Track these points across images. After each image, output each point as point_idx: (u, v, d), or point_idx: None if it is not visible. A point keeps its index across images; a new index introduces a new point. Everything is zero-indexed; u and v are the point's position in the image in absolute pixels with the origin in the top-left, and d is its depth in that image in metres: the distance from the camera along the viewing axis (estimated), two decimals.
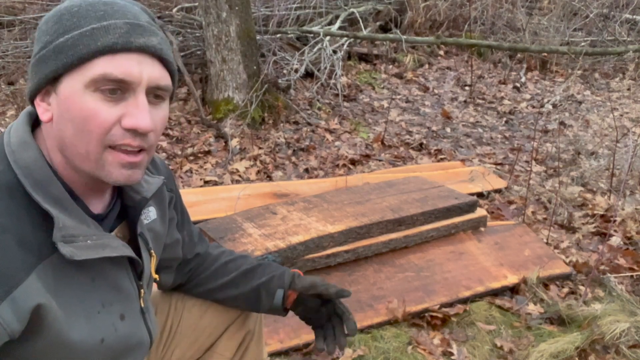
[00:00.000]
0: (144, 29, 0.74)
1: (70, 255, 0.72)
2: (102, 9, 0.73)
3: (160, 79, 0.76)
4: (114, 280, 0.84)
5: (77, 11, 0.73)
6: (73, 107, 0.73)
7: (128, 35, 0.72)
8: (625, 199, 3.06)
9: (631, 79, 5.84)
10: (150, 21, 0.78)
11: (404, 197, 2.51)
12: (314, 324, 1.17)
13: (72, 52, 0.71)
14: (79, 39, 0.71)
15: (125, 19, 0.73)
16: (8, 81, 4.23)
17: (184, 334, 1.15)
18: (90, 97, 0.72)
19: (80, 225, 0.76)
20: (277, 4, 5.21)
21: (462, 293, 2.11)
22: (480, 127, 4.45)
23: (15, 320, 0.69)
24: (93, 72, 0.71)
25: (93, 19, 0.72)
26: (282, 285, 1.13)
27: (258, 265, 1.17)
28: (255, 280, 1.14)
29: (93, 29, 0.71)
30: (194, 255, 1.15)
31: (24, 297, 0.69)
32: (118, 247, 0.81)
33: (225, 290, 1.15)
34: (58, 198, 0.75)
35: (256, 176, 3.24)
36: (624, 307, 2.05)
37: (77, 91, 0.72)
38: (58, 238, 0.72)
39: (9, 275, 0.69)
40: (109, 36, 0.71)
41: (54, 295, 0.73)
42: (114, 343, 0.82)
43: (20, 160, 0.75)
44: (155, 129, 0.77)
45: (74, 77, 0.72)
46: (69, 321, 0.75)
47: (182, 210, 1.10)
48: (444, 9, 6.28)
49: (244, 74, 3.86)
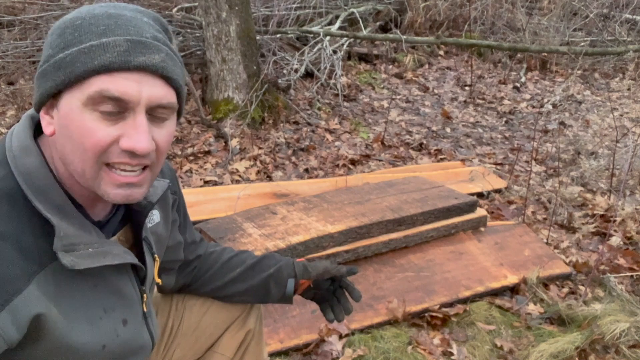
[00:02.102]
0: (145, 46, 0.71)
1: (71, 265, 0.71)
2: (105, 24, 0.71)
3: (162, 97, 0.73)
4: (116, 286, 0.83)
5: (80, 25, 0.71)
6: (71, 124, 0.71)
7: (127, 54, 0.69)
8: (625, 199, 3.06)
9: (631, 79, 5.84)
10: (156, 35, 0.74)
11: (404, 197, 2.51)
12: (320, 299, 1.21)
13: (70, 69, 0.70)
14: (77, 57, 0.69)
15: (127, 36, 0.70)
16: (8, 81, 4.23)
17: (185, 334, 1.15)
18: (88, 115, 0.70)
19: (82, 233, 0.76)
20: (277, 4, 5.21)
21: (462, 293, 2.11)
22: (480, 127, 4.45)
23: (15, 329, 0.68)
24: (90, 89, 0.69)
25: (94, 34, 0.70)
26: (292, 275, 1.16)
27: (262, 257, 1.19)
28: (263, 272, 1.16)
29: (91, 47, 0.69)
30: (195, 257, 1.15)
31: (24, 306, 0.68)
32: (119, 255, 0.80)
33: (233, 286, 1.15)
34: (59, 205, 0.74)
35: (256, 176, 3.24)
36: (624, 307, 2.04)
37: (75, 108, 0.71)
38: (59, 247, 0.71)
39: (9, 283, 0.68)
40: (107, 55, 0.69)
41: (55, 302, 0.73)
42: (115, 348, 0.82)
43: (22, 166, 0.74)
44: (156, 147, 0.74)
45: (72, 94, 0.71)
46: (70, 328, 0.75)
47: (184, 212, 1.10)
48: (444, 9, 6.28)
49: (244, 74, 3.86)
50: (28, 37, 4.39)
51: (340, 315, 1.18)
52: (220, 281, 1.15)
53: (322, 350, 1.79)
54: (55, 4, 4.54)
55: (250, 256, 1.20)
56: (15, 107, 3.83)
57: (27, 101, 3.90)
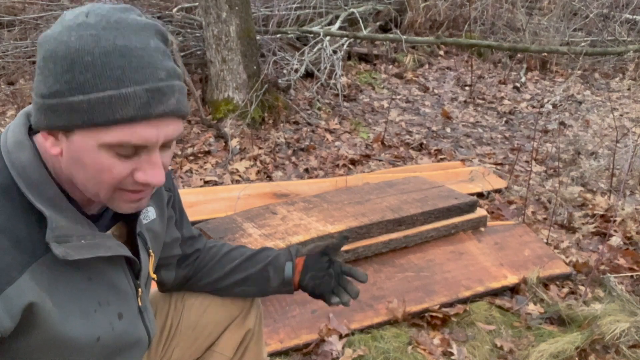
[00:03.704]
0: (163, 93, 0.70)
1: (63, 256, 0.72)
2: (119, 65, 0.68)
3: (174, 132, 0.75)
4: (111, 279, 0.84)
5: (91, 63, 0.67)
6: (85, 159, 0.72)
7: (148, 107, 0.69)
8: (625, 199, 3.06)
9: (631, 79, 5.85)
10: (167, 67, 0.72)
11: (404, 197, 2.51)
12: (324, 289, 1.16)
13: (88, 117, 0.68)
14: (96, 106, 0.68)
15: (145, 84, 0.69)
16: (8, 81, 4.23)
17: (184, 333, 1.16)
18: (104, 154, 0.71)
19: (74, 225, 0.77)
20: (277, 4, 5.21)
21: (462, 293, 2.11)
22: (480, 127, 4.45)
23: (7, 317, 0.69)
24: (109, 138, 0.70)
25: (111, 81, 0.67)
26: (288, 258, 1.17)
27: (261, 249, 1.21)
28: (261, 261, 1.17)
29: (111, 98, 0.67)
30: (194, 250, 1.17)
31: (17, 295, 0.70)
32: (112, 247, 0.82)
33: (232, 276, 1.16)
34: (52, 199, 0.75)
35: (256, 176, 3.24)
36: (624, 307, 2.04)
37: (90, 148, 0.71)
38: (51, 238, 0.72)
39: (2, 273, 0.69)
40: (128, 107, 0.68)
41: (49, 294, 0.74)
42: (110, 341, 0.83)
43: (16, 160, 0.75)
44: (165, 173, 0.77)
45: (88, 135, 0.70)
46: (64, 319, 0.76)
47: (180, 208, 1.11)
48: (444, 9, 6.28)
49: (244, 74, 3.86)
50: (28, 37, 4.39)
51: (345, 297, 1.14)
52: (220, 271, 1.16)
53: (322, 350, 1.79)
54: (55, 4, 4.55)
55: (249, 249, 1.22)
56: (15, 107, 3.84)
57: (27, 101, 3.90)
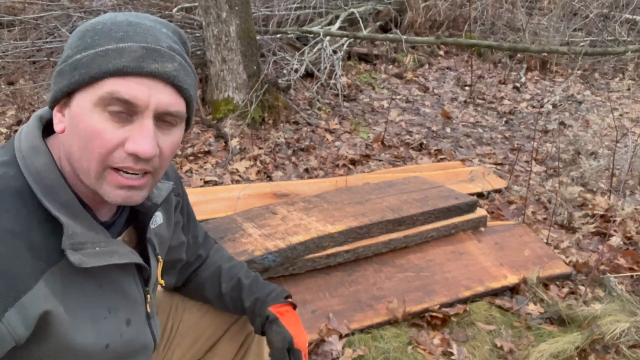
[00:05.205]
0: (159, 54, 0.73)
1: (79, 263, 0.72)
2: (124, 30, 0.73)
3: (170, 105, 0.74)
4: (121, 286, 0.84)
5: (101, 29, 0.73)
6: (81, 123, 0.73)
7: (141, 60, 0.71)
8: (625, 199, 3.06)
9: (631, 79, 5.85)
10: (172, 45, 0.76)
11: (404, 197, 2.51)
12: None
13: (85, 70, 0.72)
14: (93, 58, 0.71)
15: (143, 43, 0.73)
16: (8, 81, 4.23)
17: (185, 334, 1.16)
18: (98, 115, 0.72)
19: (89, 232, 0.77)
20: (277, 4, 5.21)
21: (462, 293, 2.11)
22: (480, 127, 4.45)
23: (22, 326, 0.69)
24: (102, 90, 0.71)
25: (112, 39, 0.72)
26: (260, 316, 1.09)
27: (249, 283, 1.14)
28: (240, 302, 1.12)
29: (108, 50, 0.71)
30: (196, 257, 1.16)
31: (32, 304, 0.69)
32: (126, 254, 0.82)
33: (220, 303, 1.17)
34: (68, 205, 0.75)
35: (256, 176, 3.24)
36: (624, 307, 2.04)
37: (86, 108, 0.72)
38: (67, 245, 0.72)
39: (19, 281, 0.69)
40: (122, 59, 0.71)
41: (61, 300, 0.74)
42: (118, 348, 0.83)
43: (31, 165, 0.75)
44: (160, 153, 0.76)
45: (85, 94, 0.72)
46: (75, 326, 0.75)
47: (188, 213, 1.11)
48: (444, 9, 6.28)
49: (244, 74, 3.86)
50: (28, 37, 4.39)
51: None
52: (211, 294, 1.16)
53: (322, 350, 1.79)
54: (55, 4, 4.54)
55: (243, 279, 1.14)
56: (15, 107, 3.83)
57: (27, 101, 3.90)
